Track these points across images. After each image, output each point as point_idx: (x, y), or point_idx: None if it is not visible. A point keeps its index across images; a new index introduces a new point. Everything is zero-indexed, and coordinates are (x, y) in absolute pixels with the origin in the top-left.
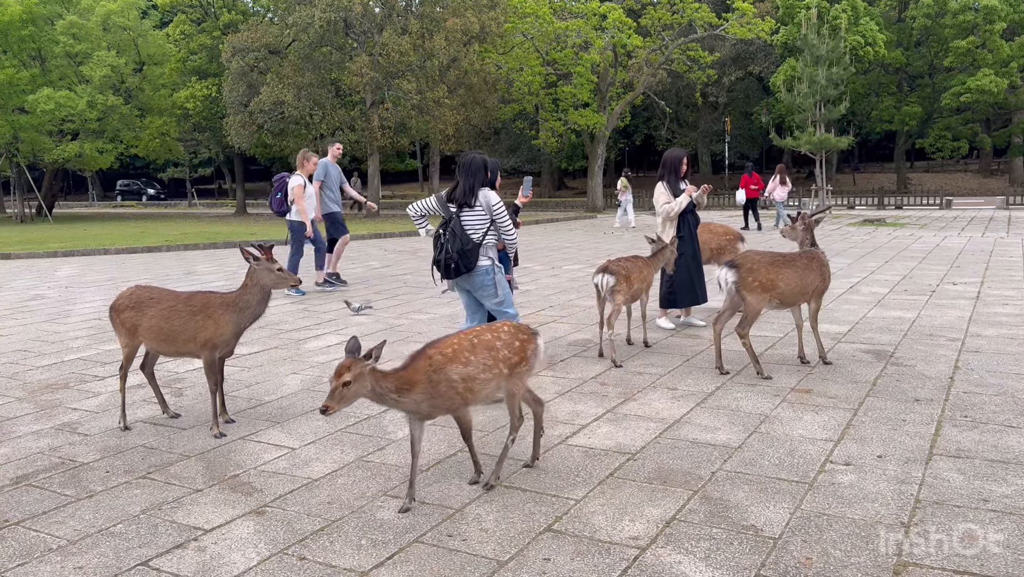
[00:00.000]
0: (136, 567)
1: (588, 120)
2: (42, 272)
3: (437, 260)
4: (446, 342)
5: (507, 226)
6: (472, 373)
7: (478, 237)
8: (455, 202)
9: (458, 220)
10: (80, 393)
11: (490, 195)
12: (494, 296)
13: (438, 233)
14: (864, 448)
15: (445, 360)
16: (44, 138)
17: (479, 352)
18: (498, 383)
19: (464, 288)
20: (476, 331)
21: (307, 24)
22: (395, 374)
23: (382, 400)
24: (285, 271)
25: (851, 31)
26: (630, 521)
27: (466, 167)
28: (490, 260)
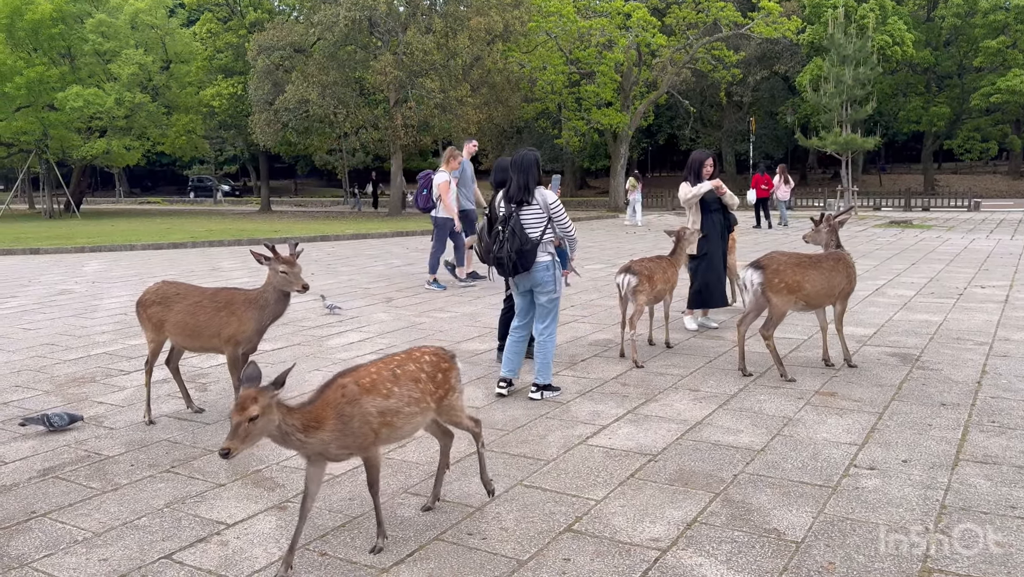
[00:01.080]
0: (160, 560)
1: (611, 119)
2: (70, 267)
3: (498, 257)
4: (364, 371)
5: (566, 224)
6: (394, 407)
7: (536, 235)
8: (511, 200)
9: (517, 218)
10: (106, 387)
11: (547, 194)
12: (553, 292)
13: (497, 230)
14: (889, 452)
15: (361, 391)
16: (73, 135)
17: (403, 384)
18: (424, 419)
19: (523, 288)
20: (398, 360)
21: (332, 23)
22: (301, 410)
23: (286, 441)
24: (291, 273)
25: (879, 30)
26: (651, 522)
27: (518, 164)
28: (550, 256)
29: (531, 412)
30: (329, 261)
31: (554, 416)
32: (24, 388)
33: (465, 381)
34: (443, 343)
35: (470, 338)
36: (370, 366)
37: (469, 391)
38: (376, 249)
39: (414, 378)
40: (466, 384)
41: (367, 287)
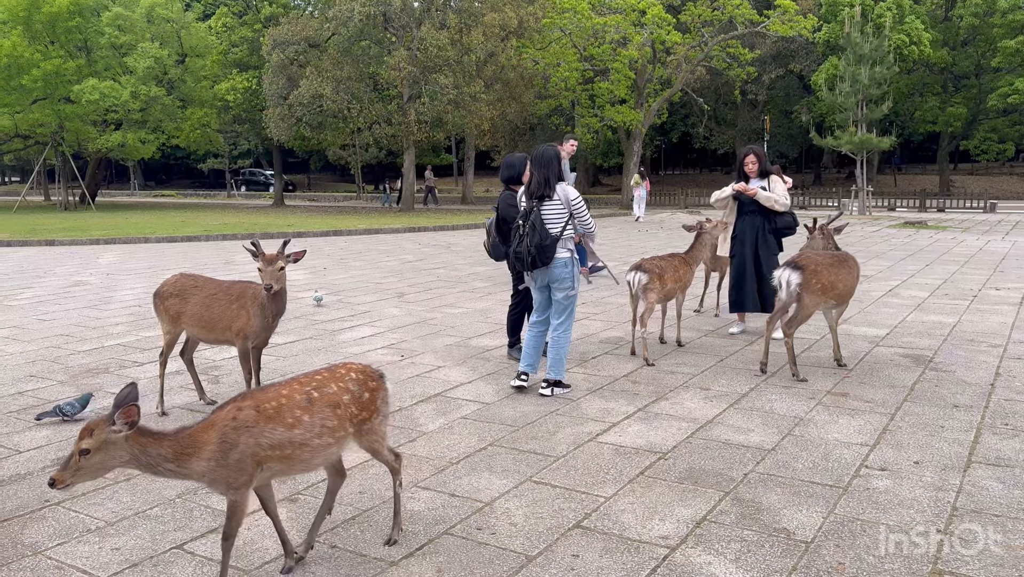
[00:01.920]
0: (171, 550)
1: (625, 117)
2: (85, 259)
3: (517, 252)
4: (272, 392)
5: (587, 220)
6: (298, 439)
7: (557, 231)
8: (532, 195)
9: (539, 214)
10: (119, 378)
11: (569, 190)
12: (570, 288)
13: (517, 224)
14: (901, 454)
15: (259, 418)
16: (88, 127)
17: (317, 411)
18: (339, 449)
19: (541, 284)
20: (319, 380)
21: (347, 18)
22: (177, 435)
23: (157, 471)
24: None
25: (896, 30)
26: (660, 520)
27: (539, 160)
28: (569, 252)
29: (541, 408)
30: (342, 256)
31: (564, 413)
32: (39, 378)
33: (475, 377)
34: (454, 338)
35: (481, 334)
36: (282, 387)
37: (479, 388)
38: (388, 245)
39: (333, 403)
40: (477, 379)
41: (379, 282)
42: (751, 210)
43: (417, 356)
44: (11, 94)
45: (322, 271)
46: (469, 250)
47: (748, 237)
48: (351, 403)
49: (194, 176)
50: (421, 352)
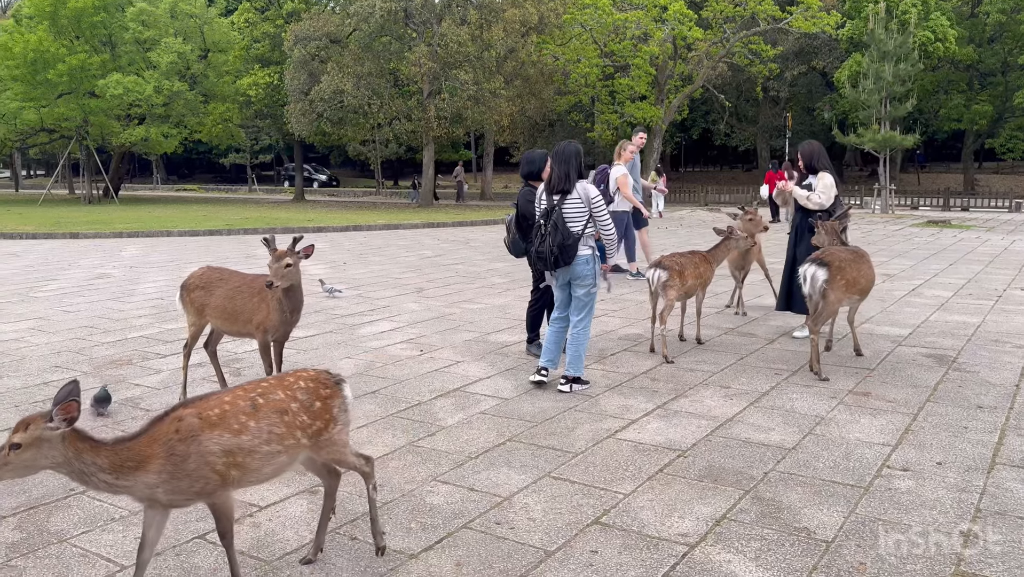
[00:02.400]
0: (193, 540)
1: (645, 113)
2: (108, 252)
3: (539, 251)
4: (215, 400)
5: (605, 220)
6: (247, 445)
7: (578, 229)
8: (552, 190)
9: (560, 212)
10: (142, 370)
11: (589, 188)
12: (592, 285)
13: (538, 224)
14: (923, 454)
15: (203, 425)
16: (112, 122)
17: (263, 416)
18: (291, 458)
19: (562, 281)
20: (264, 386)
21: (368, 13)
22: (116, 446)
23: (86, 481)
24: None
25: (921, 26)
26: (679, 518)
27: (559, 155)
28: (590, 249)
29: (560, 405)
30: (361, 251)
31: (583, 409)
32: (64, 369)
33: (494, 372)
34: (473, 334)
35: (499, 330)
36: (224, 394)
37: (497, 383)
38: (407, 240)
39: (280, 409)
40: (495, 375)
41: (398, 277)
42: (797, 208)
43: (436, 351)
44: (37, 88)
45: (342, 266)
46: (487, 246)
47: (793, 236)
48: (300, 411)
49: (216, 171)
50: (440, 347)
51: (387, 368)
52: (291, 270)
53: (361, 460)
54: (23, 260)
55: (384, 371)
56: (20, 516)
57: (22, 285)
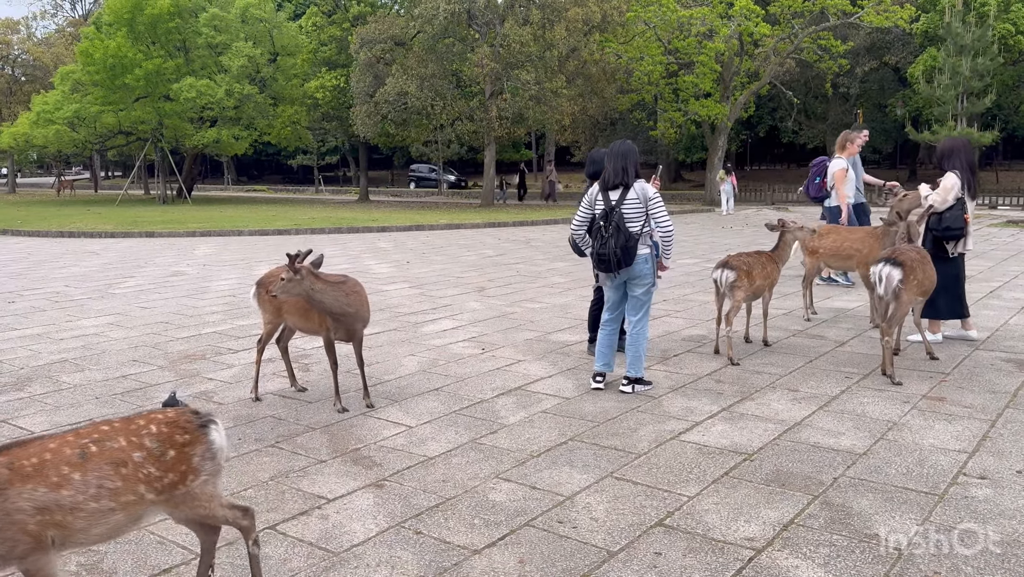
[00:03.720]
0: (264, 530)
1: (710, 110)
2: (182, 250)
3: (601, 254)
4: (35, 447)
5: (664, 220)
6: (68, 501)
7: (636, 229)
8: (607, 186)
9: (620, 213)
10: (215, 364)
11: (647, 188)
12: (651, 284)
13: (599, 225)
14: (1002, 462)
15: (13, 477)
16: (186, 124)
17: (94, 468)
18: (131, 516)
19: (618, 281)
20: (104, 431)
21: (432, 15)
22: None
23: None
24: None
25: (1001, 19)
26: (745, 522)
27: (614, 150)
28: (648, 248)
29: (622, 405)
30: (424, 250)
31: (646, 410)
32: (141, 363)
33: (555, 371)
34: (534, 333)
35: (560, 329)
36: (50, 440)
37: (559, 382)
38: (468, 239)
39: (117, 460)
40: (557, 374)
41: (460, 276)
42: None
43: (498, 349)
44: (115, 93)
45: (405, 265)
46: (548, 245)
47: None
48: (147, 462)
49: (284, 172)
50: (501, 346)
51: (449, 366)
52: (288, 284)
53: (237, 513)
54: (102, 258)
55: (447, 369)
56: None
57: (101, 282)
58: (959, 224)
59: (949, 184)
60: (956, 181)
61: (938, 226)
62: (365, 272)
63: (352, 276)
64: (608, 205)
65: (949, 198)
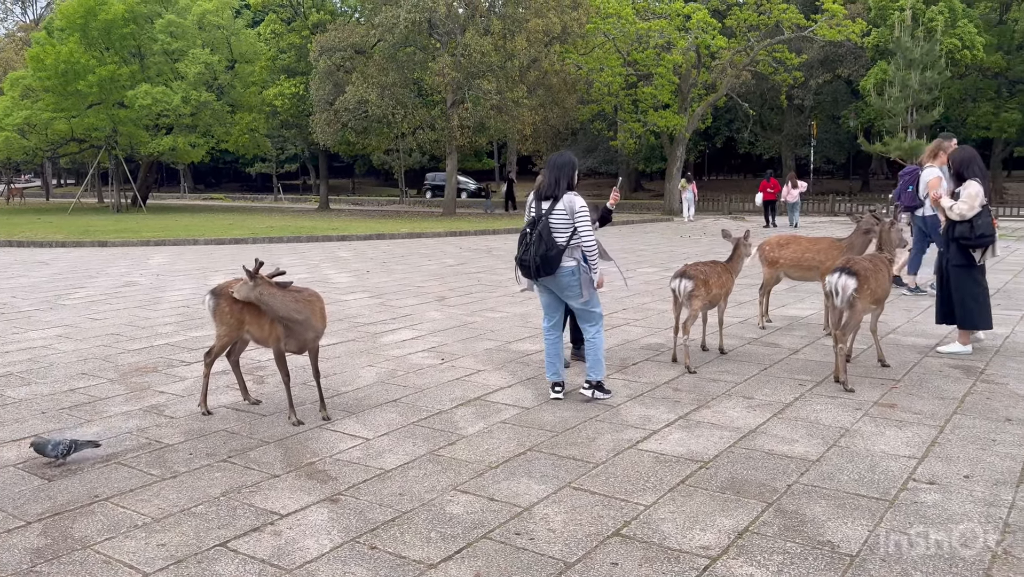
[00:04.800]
0: (215, 547)
1: (668, 121)
2: (135, 260)
3: (521, 260)
4: None
5: (586, 234)
6: None
7: (563, 241)
8: (541, 196)
9: (546, 223)
10: (168, 377)
11: (575, 200)
12: (579, 296)
13: (525, 232)
14: (950, 467)
15: None
16: (141, 132)
17: None
18: None
19: (546, 287)
20: None
21: (392, 24)
22: None
23: None
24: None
25: (947, 34)
26: (701, 530)
27: (553, 162)
28: (575, 260)
29: (581, 414)
30: (384, 259)
31: (604, 419)
32: (90, 376)
33: (515, 381)
34: (494, 342)
35: (520, 338)
36: None
37: (518, 392)
38: (429, 248)
39: None
40: (516, 384)
41: (420, 285)
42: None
43: (457, 360)
44: (68, 99)
45: (364, 274)
46: (510, 254)
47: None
48: None
49: (242, 180)
50: (461, 356)
51: (408, 376)
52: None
53: None
54: (52, 268)
55: (405, 379)
56: (45, 522)
57: (51, 293)
58: (991, 230)
59: (974, 191)
60: (980, 188)
61: (971, 234)
62: (324, 281)
63: (311, 287)
64: (538, 214)
65: (976, 205)
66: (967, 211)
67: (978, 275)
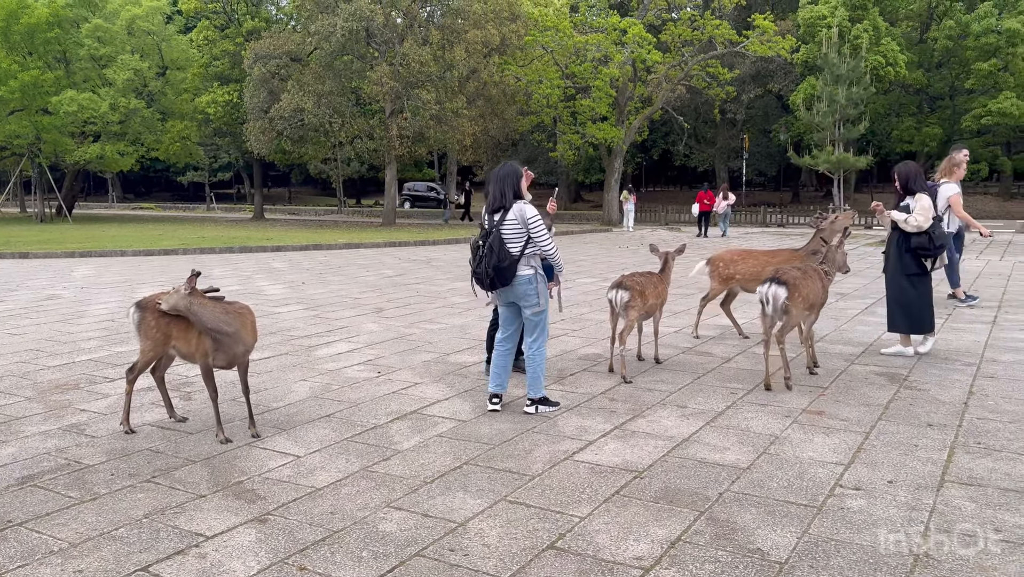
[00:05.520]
0: (136, 572)
1: (606, 134)
2: (58, 272)
3: (476, 272)
4: None
5: (543, 239)
6: None
7: (517, 251)
8: (489, 210)
9: (497, 234)
10: (90, 394)
11: (526, 208)
12: (536, 305)
13: (477, 244)
14: (875, 473)
15: None
16: (66, 139)
17: None
18: None
19: (505, 300)
20: None
21: (329, 33)
22: None
23: None
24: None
25: (872, 51)
26: (635, 541)
27: (495, 175)
28: (532, 269)
29: (518, 426)
30: (321, 271)
31: (541, 431)
32: (7, 394)
33: (452, 394)
34: (432, 354)
35: (459, 350)
36: None
37: (456, 404)
38: (368, 259)
39: None
40: (454, 396)
41: (357, 297)
42: (893, 227)
43: (394, 372)
44: None
45: (300, 285)
46: (450, 265)
47: (889, 255)
48: None
49: (174, 189)
50: (398, 368)
51: (343, 391)
52: (170, 296)
53: None
54: None
55: (340, 394)
56: None
57: None
58: (945, 239)
59: (927, 204)
60: (930, 200)
61: (929, 244)
62: (257, 294)
63: (243, 300)
64: (489, 226)
65: (930, 217)
66: (924, 223)
67: (929, 282)
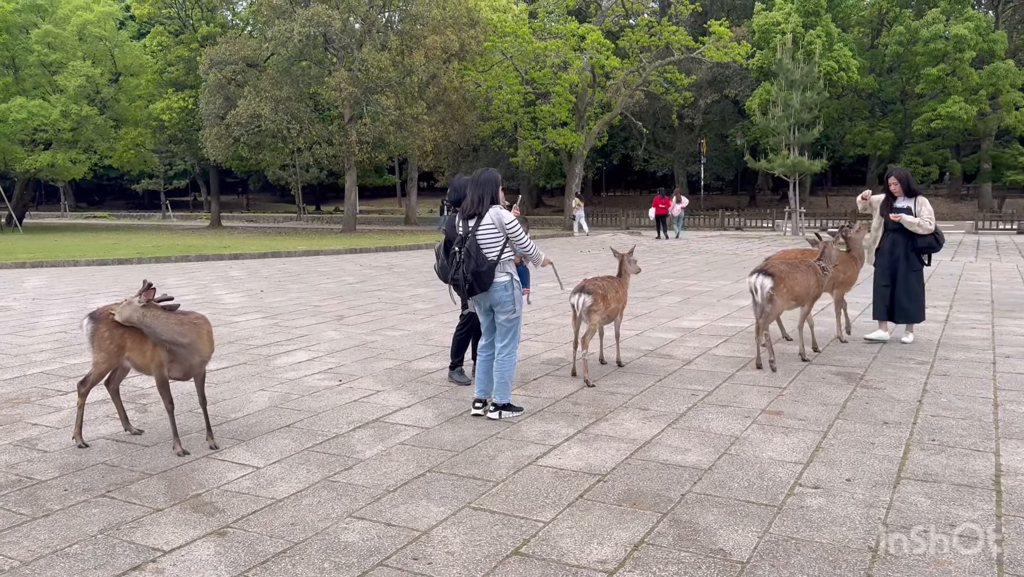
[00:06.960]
0: None
1: (566, 139)
2: (8, 283)
3: (455, 279)
4: None
5: (522, 243)
6: None
7: (494, 256)
8: (466, 215)
9: (474, 239)
10: (42, 408)
11: (503, 214)
12: (512, 312)
13: (453, 251)
14: (833, 471)
15: None
16: (16, 147)
17: None
18: None
19: (484, 307)
20: None
21: (286, 38)
22: None
23: None
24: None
25: (825, 56)
26: (598, 544)
27: (475, 180)
28: (508, 275)
29: (481, 432)
30: (280, 278)
31: (504, 436)
32: None
33: (415, 401)
34: (394, 362)
35: (422, 357)
36: None
37: (418, 412)
38: (328, 266)
39: None
40: (416, 403)
41: (318, 305)
42: (895, 228)
43: (356, 380)
44: None
45: (259, 294)
46: (412, 271)
47: (891, 252)
48: None
49: (128, 197)
50: (360, 376)
51: (303, 400)
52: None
53: None
54: None
55: (300, 403)
56: None
57: None
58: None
59: (930, 206)
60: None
61: (936, 243)
62: (214, 303)
63: (199, 309)
64: (464, 231)
65: (933, 217)
66: (930, 225)
67: (923, 277)
